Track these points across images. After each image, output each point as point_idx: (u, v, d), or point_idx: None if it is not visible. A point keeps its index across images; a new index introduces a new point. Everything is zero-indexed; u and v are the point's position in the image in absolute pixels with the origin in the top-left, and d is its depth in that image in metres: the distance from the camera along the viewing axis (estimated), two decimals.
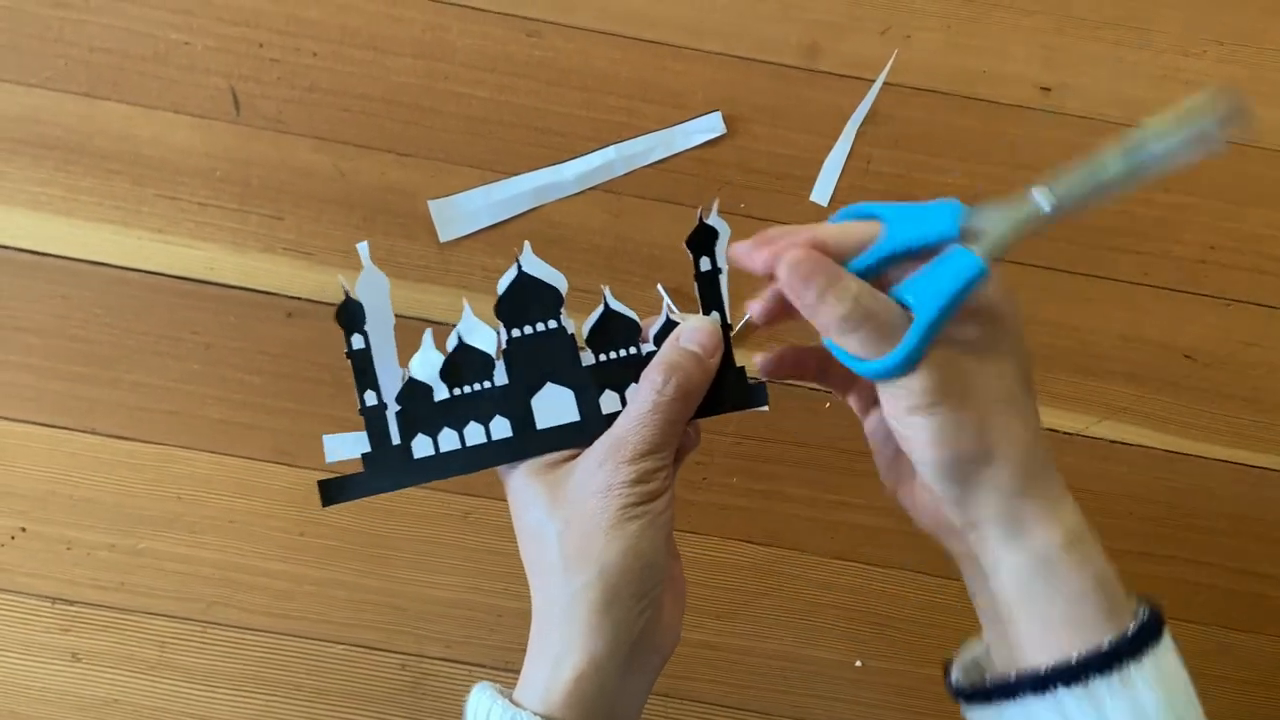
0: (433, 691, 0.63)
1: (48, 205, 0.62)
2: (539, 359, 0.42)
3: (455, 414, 0.42)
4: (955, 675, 0.45)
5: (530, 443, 0.42)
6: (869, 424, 0.46)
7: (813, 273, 0.38)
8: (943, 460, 0.38)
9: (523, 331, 0.42)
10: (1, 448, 0.62)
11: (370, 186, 0.63)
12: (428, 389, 0.42)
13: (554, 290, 0.42)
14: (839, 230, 0.40)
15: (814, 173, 0.64)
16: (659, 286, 0.42)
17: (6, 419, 0.62)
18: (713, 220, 0.42)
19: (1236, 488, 0.65)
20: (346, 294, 0.41)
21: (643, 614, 0.40)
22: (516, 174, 0.63)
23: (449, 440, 0.42)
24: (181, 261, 0.63)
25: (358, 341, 0.42)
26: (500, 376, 0.42)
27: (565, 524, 0.40)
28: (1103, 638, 0.38)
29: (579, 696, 0.39)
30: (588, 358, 0.42)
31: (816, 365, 0.45)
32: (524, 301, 0.42)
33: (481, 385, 0.42)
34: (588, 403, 0.42)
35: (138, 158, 0.63)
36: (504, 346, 0.42)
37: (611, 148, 0.64)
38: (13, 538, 0.62)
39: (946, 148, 0.65)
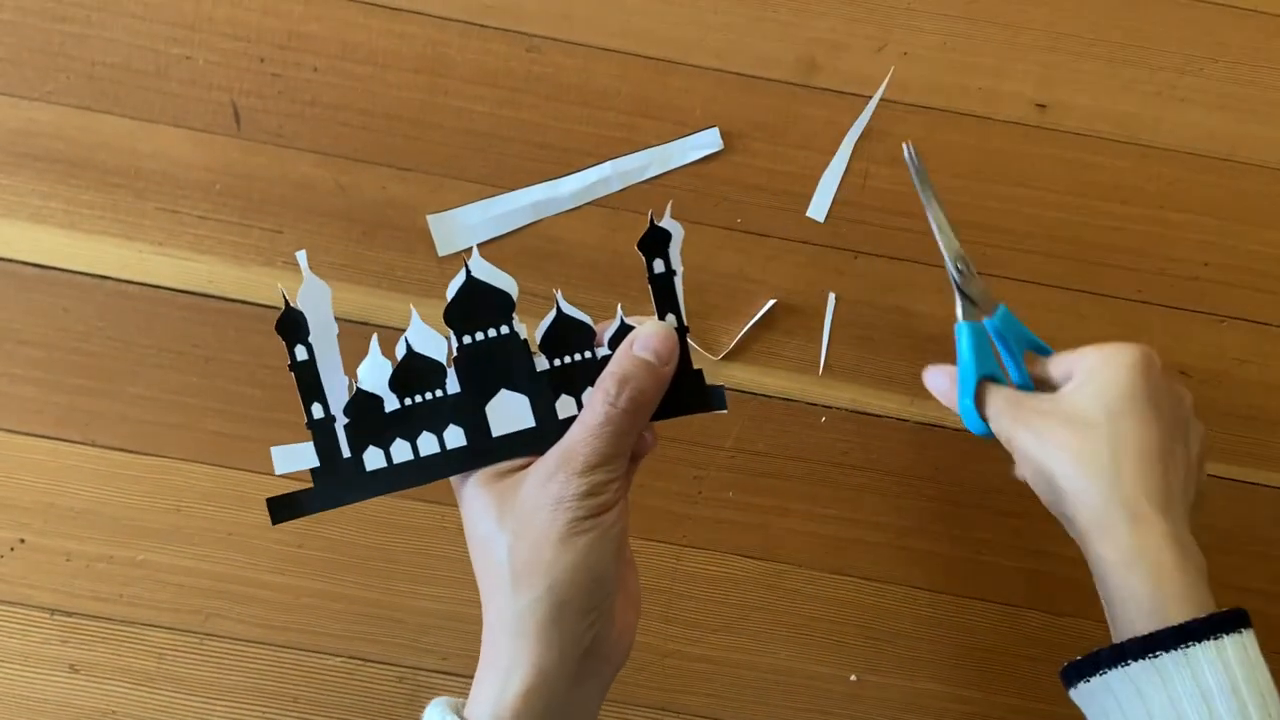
0: None
1: (49, 218, 0.63)
2: (492, 365, 0.41)
3: (407, 424, 0.41)
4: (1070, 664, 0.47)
5: (486, 451, 0.41)
6: None
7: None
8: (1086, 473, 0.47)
9: (474, 338, 0.41)
10: (2, 459, 0.62)
11: (370, 201, 0.64)
12: (378, 400, 0.41)
13: (504, 295, 0.41)
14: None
15: (811, 189, 0.65)
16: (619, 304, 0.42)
17: (7, 431, 0.62)
18: (665, 222, 0.42)
19: (1231, 504, 0.65)
20: (287, 304, 0.41)
21: (592, 627, 0.40)
22: (515, 189, 0.64)
23: (402, 451, 0.41)
24: (182, 275, 0.63)
25: (301, 353, 0.41)
26: (452, 384, 0.41)
27: (515, 536, 0.39)
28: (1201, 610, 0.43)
29: (528, 710, 0.39)
30: (541, 363, 0.41)
31: None
32: (474, 307, 0.41)
33: (433, 394, 0.41)
34: (543, 408, 0.41)
35: (139, 171, 0.63)
36: (455, 354, 0.41)
37: (609, 163, 0.64)
38: (12, 549, 0.62)
39: (942, 164, 0.65)
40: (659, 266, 0.42)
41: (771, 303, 0.64)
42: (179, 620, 0.62)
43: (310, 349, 0.41)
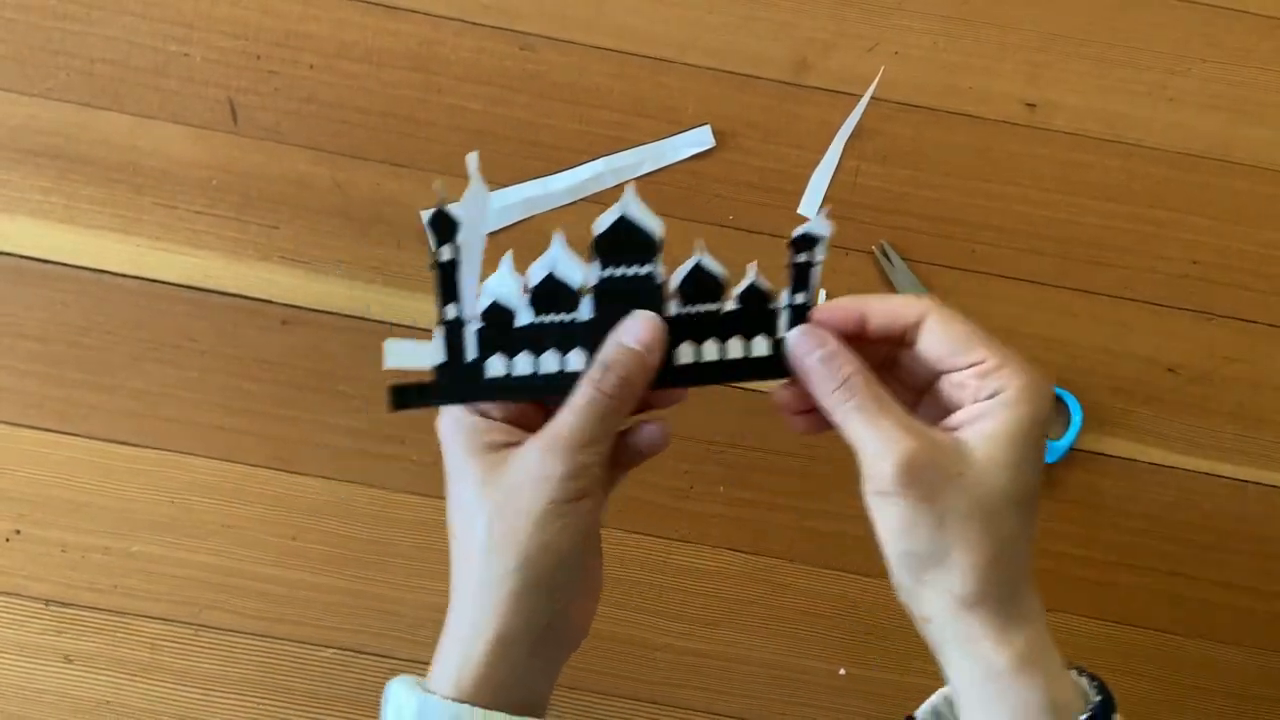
0: None
1: (49, 213, 0.64)
2: (625, 301, 0.41)
3: (535, 340, 0.42)
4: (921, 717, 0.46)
5: None
6: None
7: (816, 345, 0.41)
8: (898, 550, 0.39)
9: (615, 272, 0.41)
10: (0, 451, 0.63)
11: (365, 197, 0.64)
12: (510, 312, 0.42)
13: (651, 237, 0.41)
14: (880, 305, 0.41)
15: (802, 186, 0.65)
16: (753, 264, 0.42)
17: (5, 423, 0.63)
18: (816, 224, 0.42)
19: (1219, 501, 0.66)
20: (443, 203, 0.41)
21: (554, 604, 0.41)
22: (508, 185, 0.64)
23: (524, 364, 0.42)
24: (179, 269, 0.64)
25: (446, 253, 0.41)
26: (585, 311, 0.42)
27: (496, 509, 0.40)
28: None
29: (489, 677, 0.40)
30: (671, 308, 0.42)
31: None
32: (621, 243, 0.41)
33: (565, 317, 0.42)
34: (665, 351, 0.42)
35: (137, 167, 0.64)
36: (594, 283, 0.41)
37: (601, 160, 0.65)
38: (8, 540, 0.63)
39: (932, 163, 0.66)
40: (801, 259, 0.42)
41: None
42: (174, 612, 0.63)
43: (457, 251, 0.41)
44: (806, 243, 0.42)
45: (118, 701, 0.62)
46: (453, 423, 0.41)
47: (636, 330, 0.41)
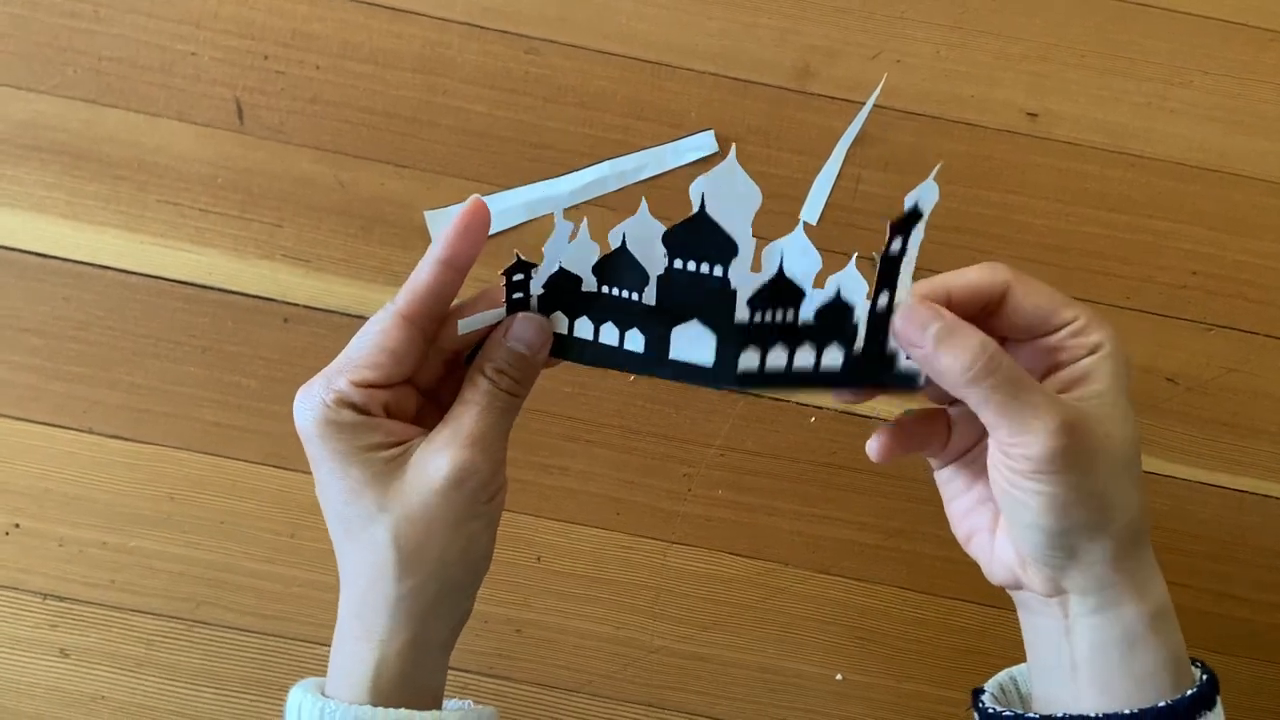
0: None
1: (53, 209, 0.64)
2: (693, 296, 0.40)
3: (597, 308, 0.41)
4: (988, 695, 0.44)
5: (658, 365, 0.41)
6: (943, 474, 0.45)
7: (929, 319, 0.37)
8: (1057, 529, 0.37)
9: (687, 266, 0.40)
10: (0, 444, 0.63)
11: (368, 197, 0.65)
12: (577, 279, 0.41)
13: (732, 242, 0.39)
14: (961, 279, 0.39)
15: (804, 192, 0.66)
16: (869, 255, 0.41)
17: (6, 416, 0.63)
18: (924, 190, 0.39)
19: (1217, 511, 0.66)
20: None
21: (471, 600, 0.41)
22: (511, 188, 0.65)
23: (584, 329, 0.41)
24: (182, 266, 0.64)
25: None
26: (650, 296, 0.40)
27: (402, 518, 0.38)
28: (1158, 701, 0.38)
29: (402, 677, 0.39)
30: (742, 314, 0.40)
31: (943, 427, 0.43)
32: (698, 239, 0.39)
33: (630, 295, 0.41)
34: (727, 353, 0.40)
35: (142, 164, 0.64)
36: (663, 272, 0.40)
37: (605, 164, 0.65)
38: (6, 534, 0.63)
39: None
40: (896, 246, 0.39)
41: None
42: (170, 607, 0.63)
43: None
44: (909, 222, 0.39)
45: (112, 696, 0.62)
46: (322, 421, 0.38)
47: (521, 332, 0.40)
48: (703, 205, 0.39)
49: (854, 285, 0.40)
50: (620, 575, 0.64)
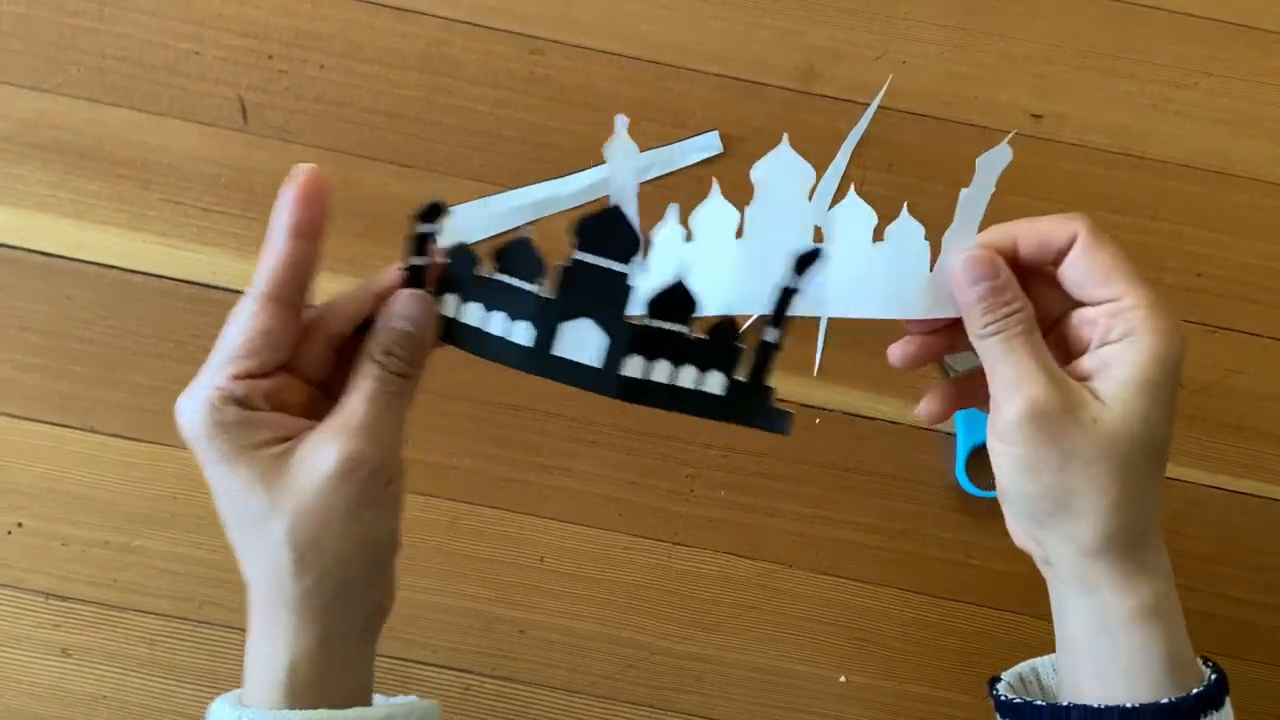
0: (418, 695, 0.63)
1: (56, 207, 0.64)
2: (591, 291, 0.40)
3: (489, 294, 0.40)
4: (1005, 683, 0.45)
5: (540, 361, 0.40)
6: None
7: (986, 273, 0.40)
8: (1015, 493, 0.39)
9: (589, 258, 0.40)
10: (3, 444, 0.63)
11: (372, 197, 0.65)
12: (474, 257, 0.40)
13: (636, 237, 0.40)
14: (1030, 229, 0.40)
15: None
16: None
17: (9, 416, 0.63)
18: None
19: (1221, 513, 0.66)
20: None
21: (378, 590, 0.40)
22: (516, 188, 0.65)
23: (473, 314, 0.40)
24: (185, 266, 0.64)
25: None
26: (549, 291, 0.40)
27: (295, 514, 0.37)
28: (1159, 698, 0.38)
29: (316, 676, 0.38)
30: (637, 316, 0.40)
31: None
32: (605, 233, 0.39)
33: (523, 284, 0.40)
34: (614, 356, 0.40)
35: (145, 163, 0.64)
36: (565, 264, 0.40)
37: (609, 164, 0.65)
38: (10, 533, 0.63)
39: (938, 171, 0.66)
40: (790, 282, 0.40)
41: None
42: (172, 607, 0.63)
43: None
44: (806, 262, 0.40)
45: (115, 696, 0.62)
46: (208, 423, 0.37)
47: (404, 309, 0.40)
48: (610, 201, 0.40)
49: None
50: (622, 576, 0.64)
